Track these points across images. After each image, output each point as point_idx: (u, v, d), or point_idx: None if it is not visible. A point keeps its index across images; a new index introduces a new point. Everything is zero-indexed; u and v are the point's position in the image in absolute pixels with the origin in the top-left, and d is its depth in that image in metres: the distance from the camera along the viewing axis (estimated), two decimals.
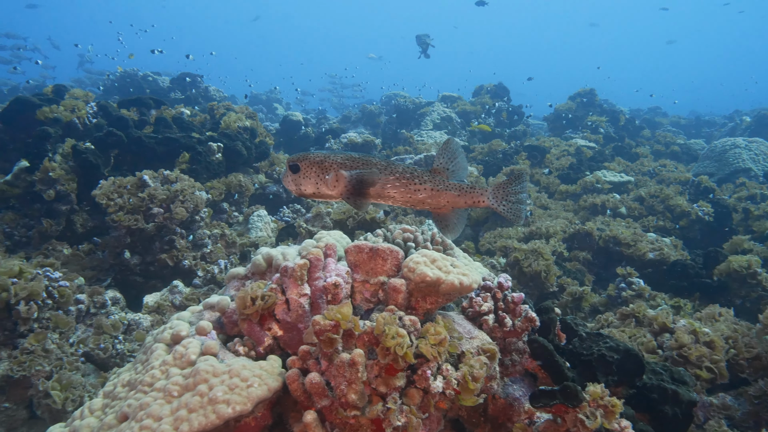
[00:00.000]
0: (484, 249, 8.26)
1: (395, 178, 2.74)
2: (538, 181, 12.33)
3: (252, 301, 2.83)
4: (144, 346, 3.05)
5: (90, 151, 6.80)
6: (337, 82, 37.96)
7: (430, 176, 2.79)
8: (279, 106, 28.38)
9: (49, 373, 4.32)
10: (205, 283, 6.06)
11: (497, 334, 3.06)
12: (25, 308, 4.35)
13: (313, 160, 2.68)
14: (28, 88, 21.35)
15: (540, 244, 7.07)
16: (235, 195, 8.04)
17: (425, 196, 2.79)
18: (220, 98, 17.74)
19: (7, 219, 6.57)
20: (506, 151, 13.99)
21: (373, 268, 2.99)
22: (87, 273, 5.90)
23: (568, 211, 10.39)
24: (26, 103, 7.75)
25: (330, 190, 2.70)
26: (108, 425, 2.54)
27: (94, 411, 2.74)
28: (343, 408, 2.40)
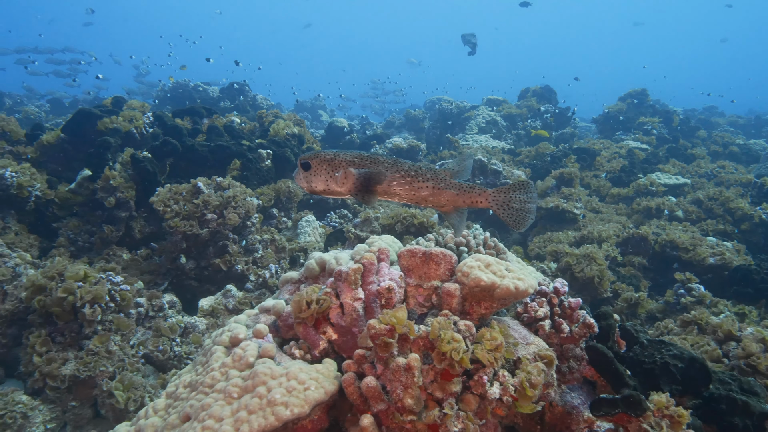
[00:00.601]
0: (534, 254, 8.11)
1: (400, 176, 2.82)
2: (588, 184, 12.03)
3: (307, 305, 2.86)
4: (203, 348, 3.13)
5: (147, 160, 7.07)
6: (378, 88, 38.11)
7: (433, 175, 2.87)
8: (324, 113, 28.77)
9: (112, 373, 4.50)
10: (256, 288, 6.19)
11: (554, 340, 2.99)
12: (90, 311, 4.54)
13: (323, 158, 2.78)
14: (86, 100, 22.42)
15: (592, 249, 6.88)
16: (284, 200, 8.18)
17: (427, 194, 2.87)
18: (268, 106, 18.13)
19: (71, 226, 6.89)
20: (554, 154, 13.71)
21: (426, 273, 2.98)
22: (145, 277, 6.12)
23: (621, 214, 10.08)
24: (88, 114, 8.14)
25: (339, 187, 2.79)
26: (171, 425, 2.62)
27: (158, 411, 2.83)
28: (400, 412, 2.39)
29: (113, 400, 4.34)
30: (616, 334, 3.11)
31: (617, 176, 12.40)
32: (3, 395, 4.20)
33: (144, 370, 4.85)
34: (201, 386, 2.75)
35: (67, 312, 4.55)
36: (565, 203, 9.32)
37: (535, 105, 20.30)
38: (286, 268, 6.53)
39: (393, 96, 36.94)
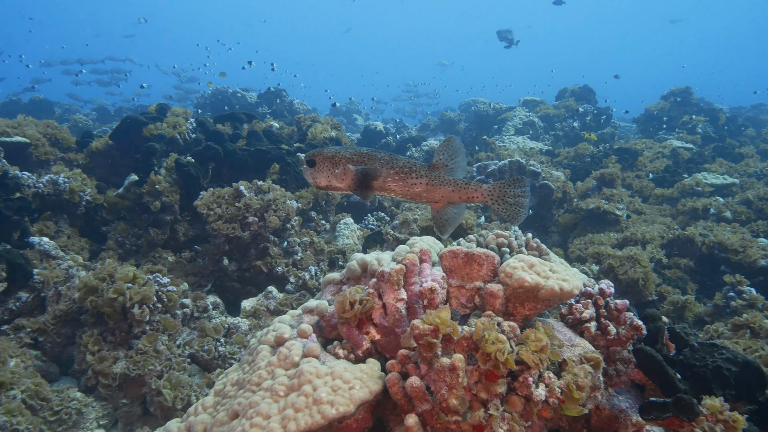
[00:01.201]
0: (574, 256, 7.97)
1: (395, 172, 2.90)
2: (630, 185, 11.75)
3: (350, 305, 2.89)
4: (249, 347, 3.20)
5: (191, 164, 7.27)
6: (411, 90, 38.05)
7: (428, 171, 2.93)
8: (359, 116, 28.95)
9: (160, 372, 4.63)
10: (296, 289, 6.28)
11: (600, 342, 2.94)
12: (139, 311, 4.70)
13: (326, 155, 2.90)
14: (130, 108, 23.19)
15: (636, 251, 6.71)
16: (322, 203, 8.27)
17: (421, 190, 2.94)
18: (304, 111, 18.37)
19: (120, 229, 7.14)
20: (594, 155, 13.45)
21: (468, 273, 2.97)
22: (189, 279, 6.29)
23: (665, 215, 9.80)
24: (134, 121, 8.42)
25: (339, 182, 2.91)
26: (220, 422, 2.68)
27: (207, 408, 2.91)
28: (444, 413, 2.40)
29: (161, 398, 4.48)
30: (665, 337, 3.03)
31: (660, 176, 12.06)
32: (59, 392, 4.38)
33: (190, 369, 4.99)
34: (248, 384, 2.81)
35: (117, 312, 4.72)
36: (607, 204, 9.13)
37: (574, 105, 19.94)
38: (326, 270, 6.60)
39: (426, 98, 36.87)
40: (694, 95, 19.44)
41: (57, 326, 5.09)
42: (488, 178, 9.93)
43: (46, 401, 4.16)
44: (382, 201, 9.96)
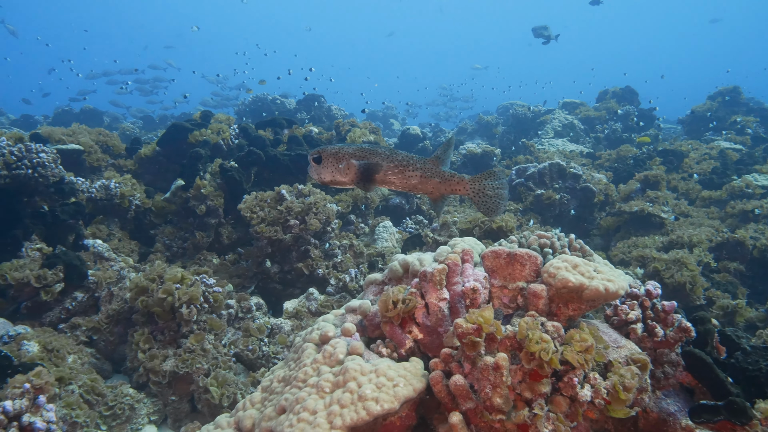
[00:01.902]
0: (617, 259, 7.81)
1: (395, 166, 3.06)
2: (676, 187, 11.42)
3: (393, 304, 2.93)
4: (294, 345, 3.28)
5: (234, 169, 7.47)
6: (446, 94, 37.88)
7: (422, 164, 3.10)
8: (395, 121, 29.04)
9: (207, 370, 4.78)
10: (337, 291, 6.36)
11: (647, 344, 2.89)
12: (187, 311, 4.86)
13: (330, 152, 3.04)
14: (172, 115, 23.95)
15: (683, 254, 6.53)
16: (362, 206, 8.36)
17: (416, 182, 3.11)
18: (342, 116, 18.58)
19: (167, 232, 7.39)
20: (637, 157, 13.13)
21: (510, 274, 2.98)
22: (234, 281, 6.45)
23: (713, 218, 9.48)
24: (180, 128, 8.71)
25: (343, 177, 3.05)
26: (268, 416, 2.76)
27: (255, 404, 3.00)
28: (489, 411, 2.41)
29: (209, 395, 4.61)
30: (715, 340, 2.96)
31: (708, 178, 11.69)
32: (113, 388, 4.58)
33: (235, 368, 5.12)
34: (294, 381, 2.88)
35: (166, 312, 4.89)
36: (651, 207, 8.91)
37: (615, 107, 19.52)
38: (365, 273, 6.67)
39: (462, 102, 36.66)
40: (743, 95, 18.77)
41: (110, 325, 5.31)
42: (528, 181, 9.84)
43: (102, 396, 4.34)
44: (420, 204, 9.98)
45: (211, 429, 3.03)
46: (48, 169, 6.02)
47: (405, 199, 9.75)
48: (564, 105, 20.59)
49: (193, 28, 23.70)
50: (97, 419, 4.23)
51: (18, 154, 5.76)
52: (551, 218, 9.51)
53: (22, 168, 5.77)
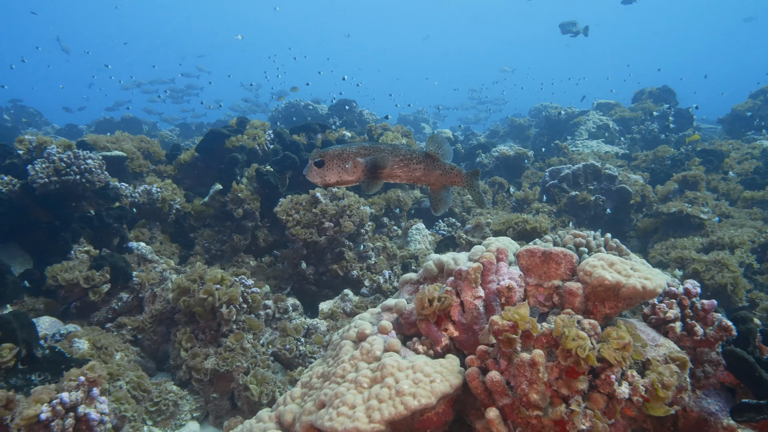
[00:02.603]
0: (655, 261, 7.67)
1: (399, 160, 3.20)
2: (716, 188, 11.13)
3: (429, 302, 2.98)
4: (332, 343, 3.36)
5: (270, 173, 7.65)
6: (475, 97, 37.64)
7: (425, 158, 3.27)
8: (426, 125, 29.07)
9: (247, 369, 4.91)
10: (371, 293, 6.44)
11: (686, 343, 2.87)
12: (227, 311, 5.00)
13: (333, 153, 3.13)
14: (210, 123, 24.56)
15: (724, 255, 6.38)
16: (400, 211, 8.44)
17: (420, 174, 3.27)
18: (374, 120, 18.73)
19: (206, 235, 7.60)
20: (675, 157, 12.85)
21: (546, 272, 2.99)
22: (270, 282, 6.60)
23: (756, 219, 9.21)
24: (217, 134, 8.96)
25: (350, 176, 3.15)
26: (308, 411, 2.84)
27: (295, 399, 3.09)
28: (525, 407, 2.43)
29: (248, 393, 4.74)
30: (757, 339, 2.91)
31: (750, 178, 11.35)
32: (158, 384, 4.75)
33: (273, 367, 5.25)
34: (333, 377, 2.96)
35: (207, 311, 5.05)
36: (690, 208, 8.71)
37: (652, 107, 19.11)
38: (399, 274, 6.74)
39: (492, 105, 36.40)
40: None
41: (154, 325, 5.51)
42: (562, 183, 9.75)
43: (147, 392, 4.52)
44: (452, 207, 10.00)
45: (253, 423, 3.13)
46: (94, 175, 6.29)
47: None
48: (598, 106, 20.28)
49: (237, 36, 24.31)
50: (144, 414, 4.40)
51: (67, 161, 6.03)
52: (586, 220, 9.40)
53: (71, 174, 6.04)
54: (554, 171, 10.16)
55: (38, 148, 6.32)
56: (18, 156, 6.42)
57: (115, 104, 27.10)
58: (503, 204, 10.84)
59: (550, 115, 19.80)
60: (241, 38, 25.14)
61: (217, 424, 4.93)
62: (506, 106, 36.35)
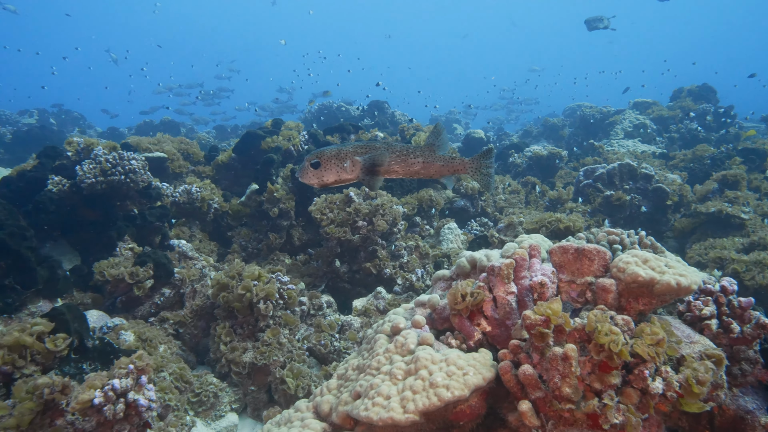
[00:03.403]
0: (693, 261, 7.52)
1: (396, 156, 3.30)
2: (758, 187, 10.81)
3: (462, 297, 3.04)
4: (367, 336, 3.45)
5: None
6: (506, 97, 37.28)
7: (422, 151, 3.36)
8: (458, 126, 28.97)
9: (283, 363, 5.05)
10: (404, 291, 6.52)
11: (722, 340, 2.85)
12: (264, 306, 5.15)
13: (329, 154, 3.21)
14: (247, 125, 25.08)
15: (766, 255, 6.23)
16: (432, 210, 8.49)
17: (419, 168, 3.38)
18: (405, 121, 18.80)
19: (243, 234, 7.81)
20: (715, 156, 12.53)
21: (579, 269, 3.02)
22: (305, 280, 6.75)
23: None
24: (253, 136, 9.18)
25: (349, 174, 3.25)
26: (344, 401, 2.94)
27: (331, 390, 3.19)
28: (558, 400, 2.47)
29: (285, 386, 4.88)
30: None
31: None
32: (199, 376, 4.93)
33: (309, 361, 5.38)
34: (368, 369, 3.05)
35: (245, 307, 5.20)
36: (730, 207, 8.51)
37: (691, 105, 18.64)
38: (431, 273, 6.79)
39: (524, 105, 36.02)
40: None
41: (194, 319, 5.71)
42: (596, 182, 9.64)
43: (189, 384, 4.69)
44: (485, 207, 10.00)
45: (291, 413, 3.25)
46: (138, 175, 6.54)
47: (470, 201, 9.79)
48: (635, 105, 19.90)
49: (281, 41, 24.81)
50: (186, 404, 4.58)
51: (113, 162, 6.30)
52: (621, 220, 9.27)
53: (116, 174, 6.31)
54: (588, 170, 10.05)
55: (86, 150, 6.62)
56: (67, 157, 6.74)
57: (151, 108, 27.95)
58: (536, 204, 10.78)
59: (584, 115, 19.52)
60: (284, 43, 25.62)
61: (255, 416, 5.09)
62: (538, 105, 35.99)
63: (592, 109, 19.83)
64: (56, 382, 3.16)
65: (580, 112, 20.31)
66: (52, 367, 3.70)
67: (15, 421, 3.06)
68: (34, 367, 3.58)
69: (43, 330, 3.65)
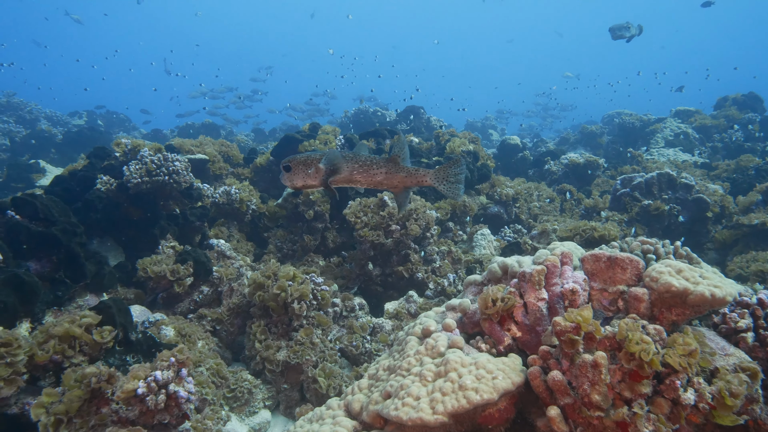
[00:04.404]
0: (734, 274, 7.33)
1: (359, 166, 3.46)
2: None
3: (492, 302, 3.08)
4: (398, 338, 3.52)
5: None
6: (540, 103, 36.81)
7: (386, 163, 3.49)
8: (494, 132, 28.81)
9: (316, 362, 5.16)
10: (435, 295, 6.56)
11: (758, 354, 2.81)
12: (298, 306, 5.28)
13: (299, 160, 3.42)
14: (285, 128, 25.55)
15: None
16: (466, 217, 8.52)
17: (382, 178, 3.51)
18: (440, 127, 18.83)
19: (279, 235, 7.99)
20: (760, 167, 12.16)
21: (611, 277, 3.02)
22: (338, 282, 6.86)
23: None
24: (291, 139, 9.39)
25: (313, 180, 3.44)
26: (375, 401, 3.02)
27: (362, 389, 3.27)
28: (587, 407, 2.49)
29: (317, 385, 4.99)
30: None
31: None
32: (234, 373, 5.09)
33: (340, 362, 5.48)
34: (398, 370, 3.12)
35: (280, 306, 5.34)
36: None
37: (736, 114, 18.10)
38: (463, 278, 6.81)
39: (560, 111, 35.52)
40: None
41: (231, 317, 5.88)
42: (634, 191, 9.48)
43: (225, 379, 4.85)
44: (519, 214, 9.95)
45: (323, 410, 3.34)
46: (181, 176, 6.78)
47: (504, 208, 9.77)
48: (676, 113, 19.43)
49: (330, 50, 25.31)
50: (221, 399, 4.74)
51: (158, 163, 6.55)
52: (659, 230, 9.09)
53: (160, 175, 6.56)
54: (626, 179, 9.89)
55: (133, 151, 6.89)
56: (115, 158, 7.03)
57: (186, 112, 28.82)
58: (572, 212, 10.66)
59: (624, 123, 19.18)
60: (332, 53, 26.10)
61: (287, 413, 5.21)
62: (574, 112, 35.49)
63: (631, 116, 19.47)
64: (103, 371, 3.34)
65: (619, 119, 19.96)
66: (99, 357, 3.90)
67: (64, 407, 3.25)
68: (82, 357, 3.78)
69: (91, 322, 3.85)
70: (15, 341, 3.48)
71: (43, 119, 21.31)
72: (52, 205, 5.29)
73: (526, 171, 14.75)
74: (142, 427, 3.27)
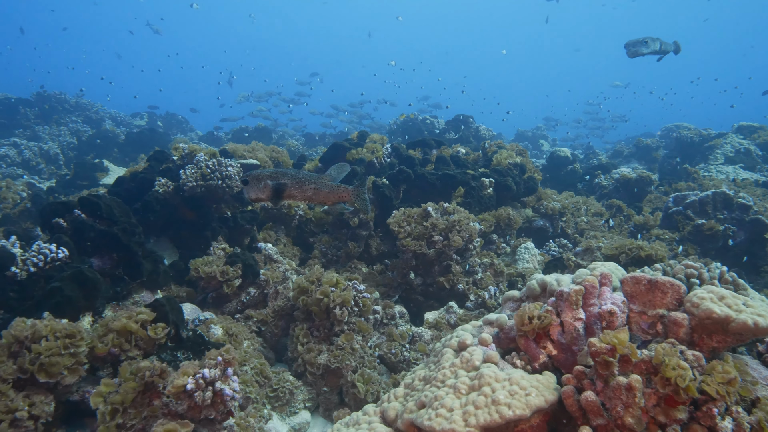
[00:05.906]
0: None
1: (296, 183, 3.84)
2: None
3: (529, 319, 3.13)
4: (434, 350, 3.60)
5: (385, 186, 8.08)
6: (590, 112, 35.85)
7: (316, 179, 3.90)
8: (545, 142, 28.38)
9: (355, 367, 5.29)
10: (476, 307, 6.58)
11: None
12: (340, 312, 5.42)
13: (254, 176, 3.78)
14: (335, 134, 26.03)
15: None
16: (503, 227, 8.49)
17: (311, 194, 3.92)
18: (490, 137, 18.73)
19: (324, 241, 8.19)
20: None
21: (650, 300, 3.01)
22: (380, 289, 6.98)
23: None
24: (339, 147, 9.60)
25: (263, 195, 3.81)
26: (409, 410, 3.10)
27: (398, 397, 3.37)
28: (620, 429, 2.50)
29: (355, 390, 5.11)
30: None
31: None
32: (277, 373, 5.27)
33: (379, 368, 5.58)
34: (433, 381, 3.20)
35: (322, 311, 5.50)
36: None
37: None
38: (504, 291, 6.81)
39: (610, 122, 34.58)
40: None
41: (275, 319, 6.09)
42: (687, 209, 9.20)
43: (268, 379, 5.03)
44: (565, 228, 9.82)
45: (359, 415, 3.46)
46: (233, 181, 7.08)
47: (549, 222, 9.67)
48: (738, 129, 18.64)
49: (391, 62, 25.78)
50: (264, 398, 4.92)
51: (212, 167, 6.87)
52: (713, 251, 8.79)
53: (214, 179, 6.87)
54: (679, 197, 9.61)
55: (189, 155, 7.24)
56: (173, 161, 7.41)
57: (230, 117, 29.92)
58: (620, 228, 10.43)
59: (682, 137, 18.54)
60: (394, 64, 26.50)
61: (326, 415, 5.35)
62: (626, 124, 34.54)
63: (690, 131, 18.82)
64: (156, 366, 3.57)
65: (677, 133, 19.32)
66: (152, 352, 4.14)
67: (120, 397, 3.49)
68: (137, 352, 4.03)
69: (146, 318, 4.10)
70: (78, 333, 3.76)
71: (108, 119, 22.47)
72: (114, 206, 5.64)
73: (575, 184, 14.51)
74: (190, 421, 3.47)
